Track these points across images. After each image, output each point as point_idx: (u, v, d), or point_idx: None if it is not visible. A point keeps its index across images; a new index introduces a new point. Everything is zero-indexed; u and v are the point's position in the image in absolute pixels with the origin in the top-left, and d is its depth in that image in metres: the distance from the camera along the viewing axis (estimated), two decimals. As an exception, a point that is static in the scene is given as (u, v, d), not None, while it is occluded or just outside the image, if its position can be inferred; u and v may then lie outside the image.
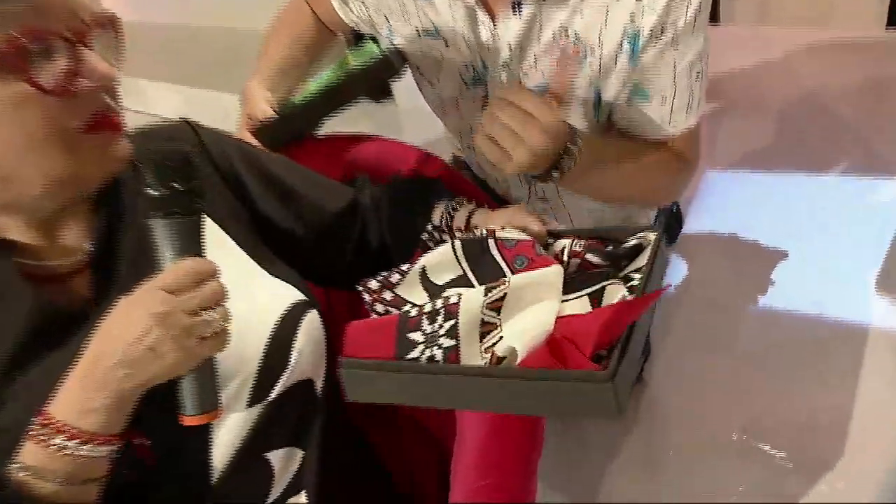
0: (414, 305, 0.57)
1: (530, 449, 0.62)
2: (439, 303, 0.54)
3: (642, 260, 0.55)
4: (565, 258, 0.57)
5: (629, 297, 0.51)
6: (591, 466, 1.26)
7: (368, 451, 0.82)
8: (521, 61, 0.88)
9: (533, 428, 0.62)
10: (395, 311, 0.58)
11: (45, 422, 0.48)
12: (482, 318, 0.51)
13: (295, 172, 0.76)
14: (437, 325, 0.53)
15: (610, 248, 0.59)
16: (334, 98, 0.92)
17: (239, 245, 0.65)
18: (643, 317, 0.50)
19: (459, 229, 0.66)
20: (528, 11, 0.82)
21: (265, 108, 0.92)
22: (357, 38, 1.03)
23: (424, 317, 0.54)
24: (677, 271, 1.62)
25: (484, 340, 0.51)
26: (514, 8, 0.82)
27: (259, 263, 0.65)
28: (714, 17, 2.90)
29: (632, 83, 0.85)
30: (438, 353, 0.52)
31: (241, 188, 0.71)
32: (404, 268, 0.60)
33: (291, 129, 0.92)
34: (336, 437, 0.72)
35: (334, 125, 0.99)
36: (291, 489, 0.66)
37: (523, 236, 0.58)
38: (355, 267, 0.75)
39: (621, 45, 0.81)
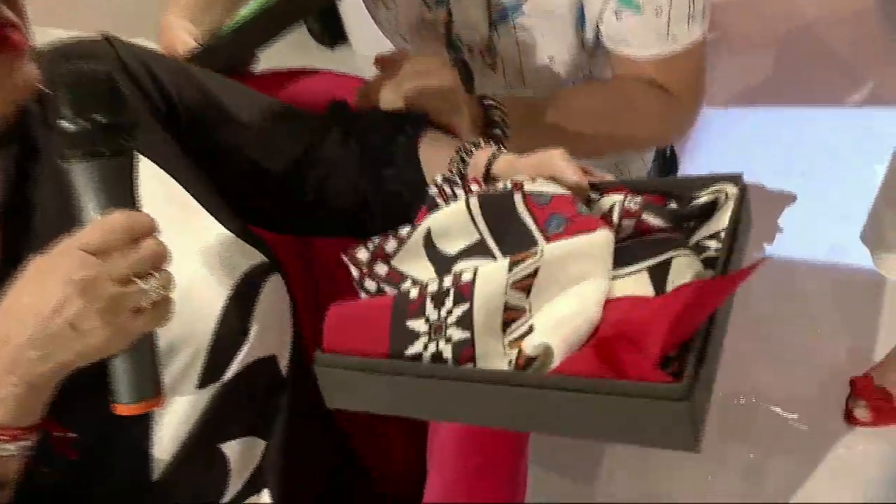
0: (416, 283, 0.45)
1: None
2: (448, 280, 0.42)
3: (719, 223, 0.41)
4: (615, 219, 0.43)
5: (706, 275, 0.38)
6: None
7: (342, 442, 0.74)
8: None
9: None
10: (390, 291, 0.46)
11: None
12: (506, 302, 0.39)
13: (242, 95, 0.64)
14: (445, 310, 0.41)
15: (673, 205, 0.45)
16: (270, 22, 0.76)
17: (186, 190, 0.56)
18: (727, 302, 0.36)
19: (476, 181, 0.52)
20: None
21: (187, 40, 0.78)
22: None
23: (429, 299, 0.42)
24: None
25: (508, 331, 0.39)
26: None
27: (211, 214, 0.56)
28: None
29: None
30: (447, 349, 0.40)
31: (172, 115, 0.60)
32: (403, 232, 0.47)
33: (220, 62, 0.77)
34: (304, 425, 0.64)
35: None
36: (251, 486, 0.60)
37: (560, 190, 0.45)
38: (327, 216, 0.65)
39: None
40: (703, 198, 0.43)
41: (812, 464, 1.09)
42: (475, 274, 0.40)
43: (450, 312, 0.40)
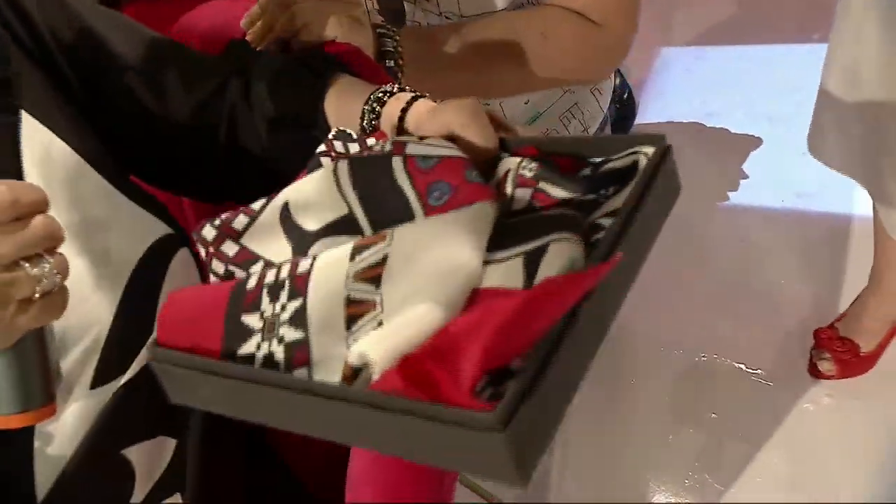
0: (269, 265, 0.37)
1: None
2: (285, 269, 0.34)
3: (621, 198, 0.35)
4: (509, 189, 0.37)
5: (577, 267, 0.31)
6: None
7: (261, 437, 0.68)
8: None
9: None
10: (240, 274, 0.38)
11: None
12: (347, 296, 0.32)
13: (128, 32, 0.56)
14: (279, 304, 0.33)
15: (588, 171, 0.37)
16: None
17: (72, 149, 0.48)
18: (597, 300, 0.28)
19: (383, 136, 0.45)
20: None
21: None
22: None
23: (265, 290, 0.34)
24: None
25: (353, 329, 0.32)
26: None
27: (105, 178, 0.50)
28: None
29: None
30: (279, 351, 0.33)
31: (47, 58, 0.51)
32: (256, 205, 0.39)
33: None
34: (221, 418, 0.53)
35: None
36: (160, 491, 0.54)
37: (453, 151, 0.37)
38: (235, 178, 0.58)
39: None
40: (617, 163, 0.36)
41: (776, 421, 1.06)
42: (313, 263, 0.33)
43: (283, 308, 0.33)
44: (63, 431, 0.48)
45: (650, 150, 0.35)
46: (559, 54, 0.80)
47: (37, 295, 0.35)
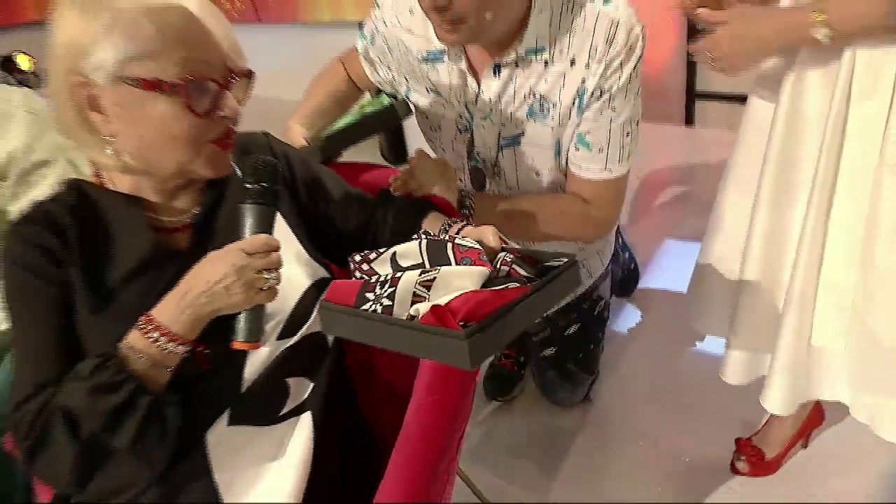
0: (379, 276, 0.71)
1: (468, 379, 0.79)
2: (388, 277, 0.67)
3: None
4: (498, 265, 0.67)
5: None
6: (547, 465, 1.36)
7: (353, 393, 0.95)
8: (499, 114, 1.05)
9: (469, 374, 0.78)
10: (366, 278, 0.71)
11: (149, 320, 0.65)
12: (414, 291, 0.64)
13: (335, 183, 0.92)
14: (384, 290, 0.65)
15: (538, 265, 0.69)
16: (353, 134, 1.11)
17: (292, 231, 0.82)
18: (522, 309, 0.62)
19: (452, 238, 0.77)
20: (505, 74, 1.01)
21: (300, 141, 1.08)
22: (377, 92, 1.24)
23: (378, 284, 0.67)
24: (632, 318, 1.74)
25: (413, 307, 0.63)
26: (494, 72, 1.01)
27: (303, 246, 0.82)
28: (689, 121, 3.20)
29: (577, 134, 1.03)
30: (379, 308, 0.64)
31: (294, 188, 0.86)
32: (382, 250, 0.74)
33: (320, 155, 1.09)
34: (335, 377, 0.84)
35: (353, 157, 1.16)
36: (299, 409, 0.78)
37: (477, 246, 0.69)
38: None
39: (573, 101, 0.99)
40: (552, 262, 0.69)
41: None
42: (401, 276, 0.65)
43: (385, 292, 0.64)
44: (259, 358, 0.73)
45: (565, 259, 0.66)
46: (568, 223, 1.09)
47: (266, 287, 0.65)
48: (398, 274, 0.66)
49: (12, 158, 1.01)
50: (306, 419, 0.77)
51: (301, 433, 0.76)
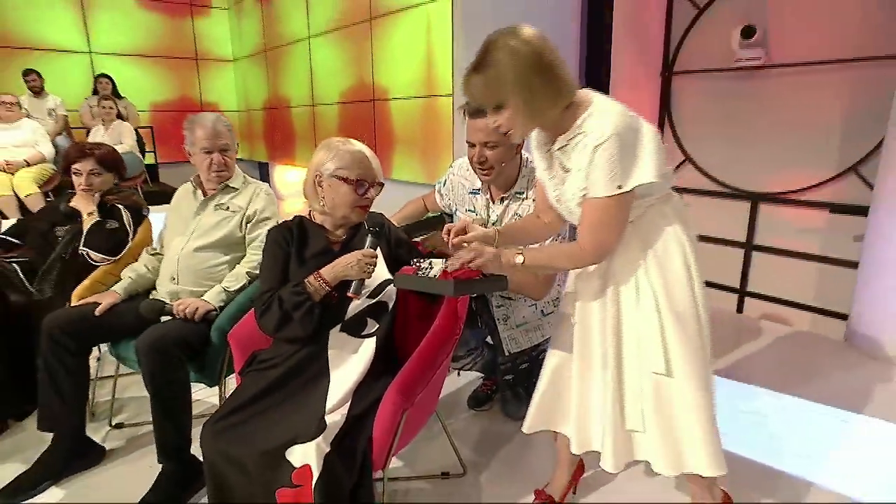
0: (421, 264, 1.38)
1: (458, 312, 1.45)
2: (426, 263, 1.38)
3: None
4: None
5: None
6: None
7: (392, 335, 1.52)
8: (501, 221, 1.82)
9: (460, 310, 1.44)
10: (416, 265, 1.35)
11: (318, 274, 1.39)
12: (439, 267, 1.33)
13: (405, 242, 1.62)
14: (424, 269, 1.36)
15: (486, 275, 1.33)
16: (422, 227, 2.00)
17: (381, 255, 1.49)
18: (476, 284, 1.27)
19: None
20: (506, 203, 1.81)
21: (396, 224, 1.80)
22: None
23: (420, 268, 1.34)
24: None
25: (433, 273, 1.33)
26: (501, 201, 1.82)
27: (384, 261, 1.50)
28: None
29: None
30: (422, 273, 1.33)
31: (388, 238, 1.56)
32: (423, 259, 1.41)
33: (407, 233, 1.84)
34: (389, 325, 1.47)
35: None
36: (369, 335, 1.45)
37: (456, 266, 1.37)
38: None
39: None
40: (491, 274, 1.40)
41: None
42: (431, 264, 1.36)
43: (425, 268, 1.36)
44: (356, 304, 1.44)
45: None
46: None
47: (367, 272, 1.39)
48: (427, 262, 1.36)
49: (257, 217, 1.90)
50: (371, 341, 1.42)
51: (368, 347, 1.41)
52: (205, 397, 2.16)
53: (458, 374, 2.34)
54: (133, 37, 6.36)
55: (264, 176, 6.89)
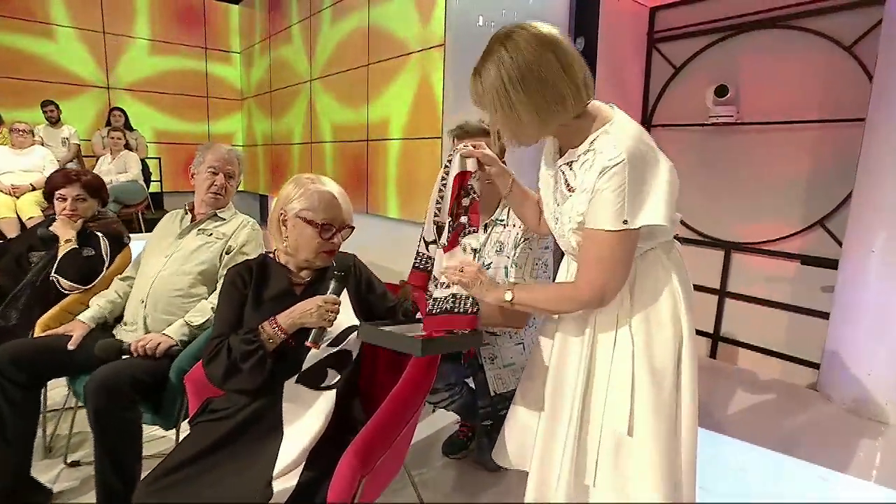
0: (431, 295, 1.20)
1: (427, 368, 1.27)
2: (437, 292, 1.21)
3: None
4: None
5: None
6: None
7: (357, 386, 1.35)
8: (485, 245, 1.66)
9: (432, 363, 1.28)
10: (427, 295, 1.24)
11: (273, 319, 1.17)
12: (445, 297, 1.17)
13: (378, 284, 1.39)
14: (437, 292, 1.19)
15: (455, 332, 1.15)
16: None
17: (350, 299, 1.30)
18: (446, 342, 1.13)
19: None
20: (489, 230, 1.64)
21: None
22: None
23: (430, 298, 1.19)
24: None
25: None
26: (485, 229, 1.65)
27: (352, 307, 1.29)
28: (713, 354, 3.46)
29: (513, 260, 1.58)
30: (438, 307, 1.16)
31: (358, 280, 1.36)
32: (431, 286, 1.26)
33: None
34: (352, 375, 1.29)
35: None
36: (329, 387, 1.22)
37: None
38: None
39: (514, 246, 1.55)
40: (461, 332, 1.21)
41: None
42: (432, 295, 1.20)
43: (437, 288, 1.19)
44: (315, 353, 1.19)
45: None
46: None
47: (328, 319, 1.17)
48: (436, 293, 1.19)
49: (237, 248, 1.72)
50: (332, 393, 1.21)
51: (327, 399, 1.20)
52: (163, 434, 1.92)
53: (434, 409, 2.11)
54: (149, 74, 6.30)
55: (264, 207, 6.76)
